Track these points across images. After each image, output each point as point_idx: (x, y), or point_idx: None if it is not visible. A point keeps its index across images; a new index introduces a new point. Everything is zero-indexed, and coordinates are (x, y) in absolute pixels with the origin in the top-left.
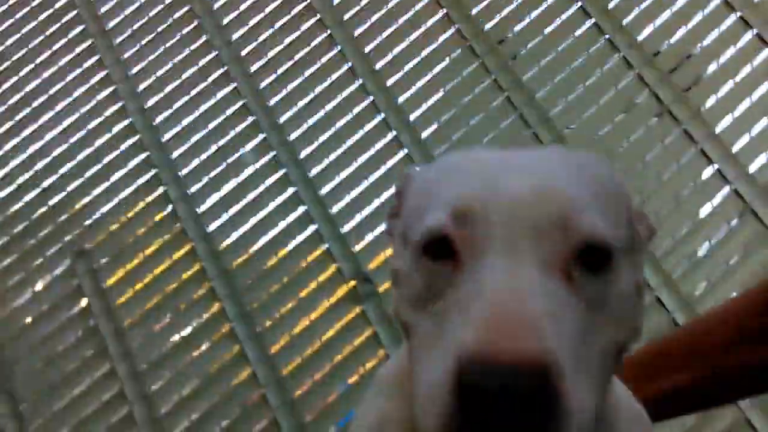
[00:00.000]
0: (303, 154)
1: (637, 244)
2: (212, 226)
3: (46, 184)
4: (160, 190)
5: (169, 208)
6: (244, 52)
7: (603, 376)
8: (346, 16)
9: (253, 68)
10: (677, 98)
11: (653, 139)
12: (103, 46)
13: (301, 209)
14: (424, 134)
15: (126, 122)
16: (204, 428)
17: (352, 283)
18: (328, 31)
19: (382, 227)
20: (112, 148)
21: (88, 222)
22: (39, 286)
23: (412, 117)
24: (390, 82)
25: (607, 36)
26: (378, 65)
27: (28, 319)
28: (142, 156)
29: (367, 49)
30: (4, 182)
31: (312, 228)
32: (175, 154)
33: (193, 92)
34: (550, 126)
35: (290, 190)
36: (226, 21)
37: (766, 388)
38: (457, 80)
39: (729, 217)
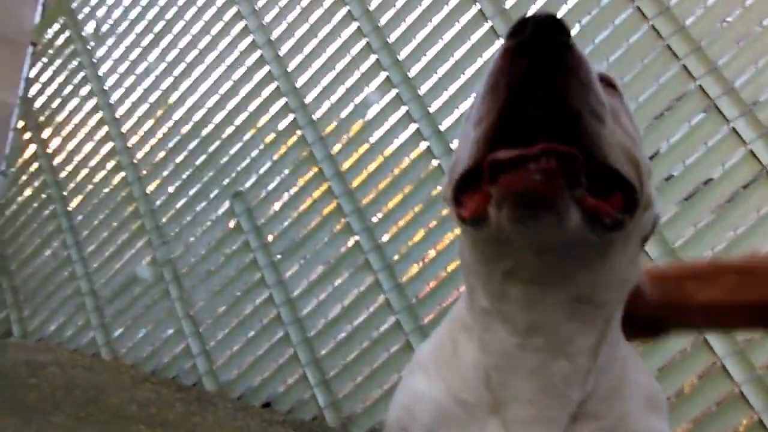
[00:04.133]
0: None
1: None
2: (345, 166)
3: (204, 132)
4: (299, 132)
5: (307, 150)
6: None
7: (622, 144)
8: None
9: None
10: None
11: None
12: None
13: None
14: None
15: (265, 70)
16: (347, 348)
17: None
18: None
19: None
20: (254, 94)
21: (241, 166)
22: (206, 224)
23: None
24: None
25: None
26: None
27: (202, 253)
28: (281, 102)
29: None
30: (171, 133)
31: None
32: (309, 98)
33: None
34: None
35: (403, 110)
36: None
37: None
38: None
39: None
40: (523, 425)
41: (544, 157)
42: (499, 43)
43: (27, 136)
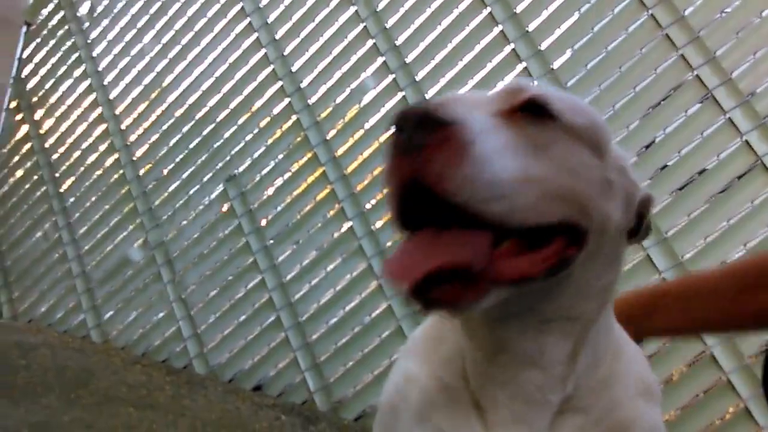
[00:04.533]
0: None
1: (605, 151)
2: (340, 151)
3: (198, 115)
4: (294, 117)
5: (302, 135)
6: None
7: (545, 190)
8: None
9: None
10: None
11: None
12: None
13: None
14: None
15: (261, 53)
16: (338, 333)
17: None
18: None
19: None
20: (249, 78)
21: (235, 150)
22: (199, 208)
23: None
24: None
25: None
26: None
27: (195, 236)
28: (277, 85)
29: None
30: (165, 116)
31: None
32: (305, 82)
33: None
34: None
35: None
36: None
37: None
38: None
39: None
40: (504, 427)
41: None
42: (497, 30)
43: (19, 116)
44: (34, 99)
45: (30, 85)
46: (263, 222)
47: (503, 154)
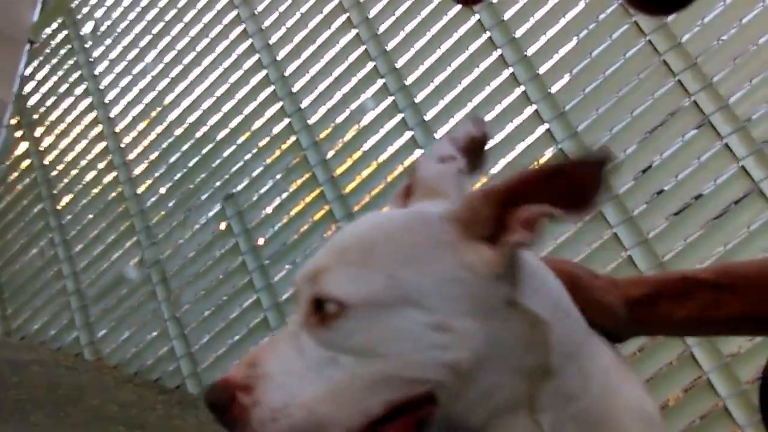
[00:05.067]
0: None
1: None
2: (338, 171)
3: (198, 134)
4: (293, 137)
5: (301, 155)
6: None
7: (353, 395)
8: None
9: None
10: None
11: None
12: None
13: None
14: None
15: (262, 73)
16: None
17: None
18: None
19: None
20: (250, 98)
21: (234, 168)
22: (196, 226)
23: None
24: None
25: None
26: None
27: (191, 254)
28: (277, 106)
29: None
30: (165, 134)
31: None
32: (305, 103)
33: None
34: None
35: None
36: None
37: None
38: None
39: None
40: None
41: None
42: (496, 54)
43: (19, 133)
44: (35, 116)
45: (31, 102)
46: (260, 241)
47: (293, 390)
